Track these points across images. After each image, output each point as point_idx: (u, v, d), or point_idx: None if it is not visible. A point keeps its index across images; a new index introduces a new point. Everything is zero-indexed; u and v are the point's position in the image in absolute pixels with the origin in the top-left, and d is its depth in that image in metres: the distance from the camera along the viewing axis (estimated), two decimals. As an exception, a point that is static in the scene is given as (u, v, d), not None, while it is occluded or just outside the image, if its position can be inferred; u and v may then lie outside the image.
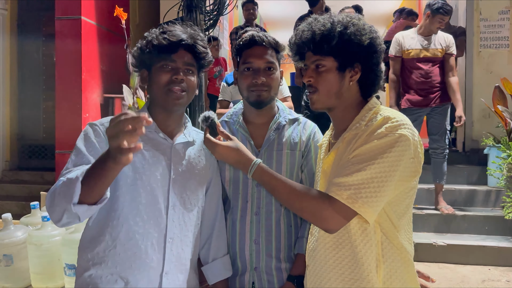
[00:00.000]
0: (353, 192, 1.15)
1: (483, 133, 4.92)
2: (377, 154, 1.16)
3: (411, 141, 1.18)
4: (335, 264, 1.27)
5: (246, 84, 1.61)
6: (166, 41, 1.39)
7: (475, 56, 5.38)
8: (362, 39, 1.26)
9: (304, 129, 1.70)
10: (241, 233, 1.62)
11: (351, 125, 1.29)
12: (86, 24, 4.67)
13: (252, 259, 1.61)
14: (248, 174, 1.34)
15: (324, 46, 1.27)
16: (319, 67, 1.30)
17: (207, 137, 1.40)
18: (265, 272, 1.61)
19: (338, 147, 1.30)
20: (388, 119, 1.21)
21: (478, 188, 4.67)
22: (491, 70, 5.31)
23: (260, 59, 1.60)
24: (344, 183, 1.17)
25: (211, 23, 2.75)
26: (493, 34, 5.36)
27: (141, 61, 1.46)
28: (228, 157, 1.38)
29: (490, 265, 3.75)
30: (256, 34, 1.61)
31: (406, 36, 4.23)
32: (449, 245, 3.86)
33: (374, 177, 1.15)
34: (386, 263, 1.22)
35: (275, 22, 10.98)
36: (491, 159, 4.61)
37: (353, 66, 1.29)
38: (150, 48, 1.41)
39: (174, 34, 1.40)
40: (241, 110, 1.73)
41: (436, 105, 4.14)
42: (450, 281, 3.44)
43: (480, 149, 4.99)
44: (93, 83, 4.78)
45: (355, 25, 1.26)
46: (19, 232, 1.90)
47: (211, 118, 1.41)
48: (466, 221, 4.21)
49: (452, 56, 4.09)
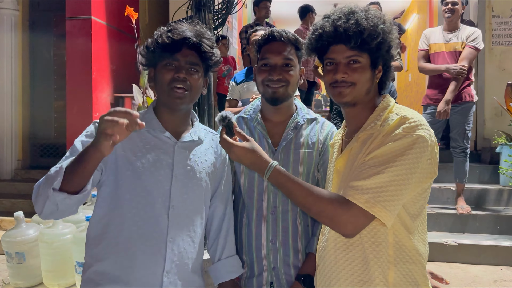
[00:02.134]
0: (372, 196, 1.13)
1: (495, 131, 4.86)
2: (395, 156, 1.14)
3: (428, 143, 1.16)
4: (345, 265, 1.26)
5: (261, 79, 1.59)
6: (169, 39, 1.38)
7: (487, 53, 5.31)
8: (392, 38, 1.26)
9: (322, 129, 1.68)
10: (257, 233, 1.61)
11: (366, 124, 1.27)
12: (96, 24, 4.70)
13: (269, 259, 1.60)
14: (264, 177, 1.29)
15: (368, 43, 1.23)
16: (353, 63, 1.25)
17: (223, 137, 1.35)
18: (283, 272, 1.60)
19: (352, 147, 1.28)
20: (405, 119, 1.18)
21: (490, 187, 4.62)
22: (503, 67, 5.25)
23: (278, 55, 1.57)
24: (361, 186, 1.15)
25: (219, 22, 2.75)
26: (506, 31, 5.29)
27: (148, 59, 1.46)
28: (244, 159, 1.32)
29: (503, 265, 3.70)
30: (276, 30, 1.59)
31: (434, 31, 4.21)
32: (460, 245, 3.82)
33: (392, 180, 1.13)
34: (398, 265, 1.21)
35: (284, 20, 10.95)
36: (503, 157, 4.55)
37: (379, 65, 1.28)
38: (155, 46, 1.41)
39: (179, 32, 1.39)
40: (259, 107, 1.71)
41: (455, 104, 4.01)
42: (461, 281, 3.40)
43: (492, 148, 4.93)
44: (103, 82, 4.82)
45: (390, 23, 1.26)
46: (31, 230, 1.92)
47: (228, 118, 1.37)
48: (478, 221, 4.17)
49: (469, 48, 3.94)
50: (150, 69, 1.48)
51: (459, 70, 3.85)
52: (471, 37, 3.96)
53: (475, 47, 3.95)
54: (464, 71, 3.86)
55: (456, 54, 4.01)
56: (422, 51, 4.19)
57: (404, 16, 11.59)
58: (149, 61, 1.46)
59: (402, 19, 11.73)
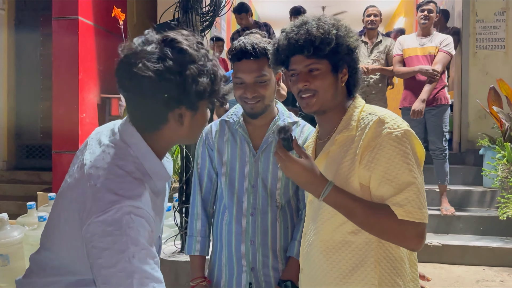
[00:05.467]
0: (411, 205, 1.16)
1: (479, 134, 4.94)
2: (401, 160, 1.17)
3: (412, 133, 1.22)
4: (330, 267, 1.27)
5: (238, 95, 1.60)
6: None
7: (471, 57, 5.40)
8: (351, 41, 1.27)
9: (302, 132, 1.70)
10: (237, 234, 1.63)
11: (341, 126, 1.29)
12: (83, 24, 4.68)
13: (248, 260, 1.62)
14: (319, 197, 1.22)
15: (321, 50, 1.25)
16: (313, 71, 1.28)
17: (281, 150, 1.25)
18: (262, 273, 1.62)
19: (329, 150, 1.29)
20: (383, 118, 1.21)
21: (474, 188, 4.70)
22: (487, 71, 5.34)
23: (250, 73, 1.55)
24: (398, 201, 1.17)
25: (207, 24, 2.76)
26: (489, 35, 5.38)
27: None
28: (300, 176, 1.24)
29: (485, 265, 3.77)
30: (245, 46, 1.54)
31: (407, 37, 4.45)
32: (444, 246, 3.88)
33: (416, 182, 1.17)
34: (382, 263, 1.22)
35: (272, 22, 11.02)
36: (487, 160, 4.63)
37: (342, 68, 1.30)
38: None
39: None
40: (241, 110, 1.71)
41: (431, 106, 4.16)
42: (445, 281, 3.46)
43: (476, 150, 5.02)
44: (90, 83, 4.79)
45: (345, 28, 1.28)
46: (16, 232, 1.92)
47: (289, 131, 1.26)
48: (462, 222, 4.24)
49: (442, 52, 4.13)
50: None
51: (431, 72, 4.03)
52: (445, 42, 4.16)
53: (449, 52, 4.15)
54: (437, 73, 4.04)
55: (430, 58, 4.19)
56: (397, 56, 4.38)
57: (391, 19, 11.73)
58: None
59: (389, 22, 11.87)
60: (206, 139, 1.73)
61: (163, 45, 1.02)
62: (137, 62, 0.99)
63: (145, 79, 0.99)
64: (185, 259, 2.46)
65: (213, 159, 1.71)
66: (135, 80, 1.00)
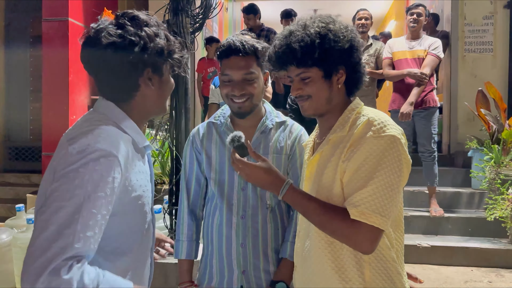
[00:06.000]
0: (366, 207, 1.14)
1: (468, 136, 5.00)
2: (376, 163, 1.16)
3: (400, 140, 1.19)
4: (324, 267, 1.28)
5: (225, 93, 1.59)
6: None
7: (460, 60, 5.47)
8: (342, 43, 1.25)
9: (290, 132, 1.69)
10: (227, 236, 1.62)
11: (335, 127, 1.30)
12: (74, 26, 4.66)
13: (239, 262, 1.61)
14: (279, 196, 1.26)
15: (306, 60, 1.26)
16: (305, 79, 1.29)
17: (237, 159, 1.29)
18: (253, 276, 1.62)
19: (323, 149, 1.31)
20: (372, 121, 1.21)
21: (462, 190, 4.75)
22: (475, 74, 5.41)
23: (238, 70, 1.55)
24: (355, 200, 1.16)
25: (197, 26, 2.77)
26: (477, 38, 5.46)
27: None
28: (260, 180, 1.28)
29: (473, 266, 3.82)
30: (234, 42, 1.55)
31: (396, 41, 4.50)
32: (433, 247, 3.92)
33: (380, 185, 1.14)
34: (373, 264, 1.23)
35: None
36: (475, 161, 4.69)
37: (338, 70, 1.28)
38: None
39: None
40: (228, 111, 1.70)
41: (420, 109, 4.22)
42: (433, 282, 3.49)
43: (465, 152, 5.07)
44: (80, 84, 4.77)
45: (333, 31, 1.25)
46: (4, 234, 1.90)
47: (241, 139, 1.31)
48: (450, 223, 4.28)
49: (431, 56, 4.18)
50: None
51: (419, 75, 4.08)
52: (433, 46, 4.21)
53: (437, 56, 4.20)
54: (425, 77, 4.09)
55: (419, 61, 4.24)
56: (386, 59, 4.44)
57: (382, 22, 11.81)
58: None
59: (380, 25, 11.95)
60: (193, 142, 1.71)
61: (118, 18, 1.13)
62: (99, 36, 1.09)
63: (110, 47, 1.08)
64: (175, 262, 2.46)
65: (201, 163, 1.69)
66: (101, 52, 1.09)
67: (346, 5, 9.10)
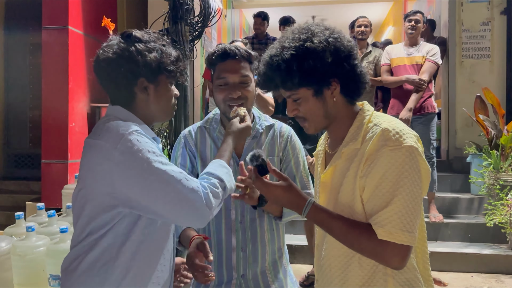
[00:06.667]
0: (392, 226, 1.12)
1: (466, 141, 5.01)
2: (396, 177, 1.12)
3: (418, 149, 1.16)
4: (343, 281, 1.26)
5: (221, 97, 1.60)
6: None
7: (457, 66, 5.50)
8: (325, 57, 1.19)
9: (281, 133, 1.71)
10: (227, 242, 1.63)
11: (347, 138, 1.26)
12: (73, 34, 4.68)
13: (239, 267, 1.63)
14: (302, 215, 1.24)
15: (289, 85, 1.23)
16: (296, 100, 1.27)
17: (259, 178, 1.28)
18: (251, 279, 1.63)
19: (336, 163, 1.27)
20: (387, 132, 1.16)
21: (462, 195, 4.76)
22: (473, 79, 5.43)
23: (235, 73, 1.58)
24: (381, 220, 1.13)
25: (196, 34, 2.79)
26: (475, 44, 5.49)
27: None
28: (282, 198, 1.26)
29: (473, 272, 3.82)
30: (229, 47, 1.59)
31: (395, 47, 4.54)
32: (433, 253, 3.88)
33: (404, 202, 1.12)
34: (396, 277, 1.21)
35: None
36: (474, 167, 4.70)
37: (329, 84, 1.23)
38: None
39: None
40: (219, 116, 1.71)
41: (419, 115, 4.23)
42: (433, 288, 3.49)
43: (464, 157, 5.08)
44: (79, 92, 4.78)
45: (311, 49, 1.19)
46: (3, 242, 1.89)
47: (261, 157, 1.28)
48: (450, 229, 4.29)
49: (429, 62, 4.21)
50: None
51: (418, 81, 4.11)
52: (431, 52, 4.24)
53: (435, 62, 4.23)
54: (424, 83, 4.11)
55: (417, 67, 4.27)
56: (385, 66, 4.47)
57: (380, 28, 11.87)
58: None
59: (378, 31, 12.00)
60: (186, 143, 1.70)
61: (120, 36, 1.30)
62: (99, 52, 1.30)
63: (107, 61, 1.27)
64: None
65: (195, 165, 1.69)
66: (102, 65, 1.28)
67: (344, 11, 9.16)
